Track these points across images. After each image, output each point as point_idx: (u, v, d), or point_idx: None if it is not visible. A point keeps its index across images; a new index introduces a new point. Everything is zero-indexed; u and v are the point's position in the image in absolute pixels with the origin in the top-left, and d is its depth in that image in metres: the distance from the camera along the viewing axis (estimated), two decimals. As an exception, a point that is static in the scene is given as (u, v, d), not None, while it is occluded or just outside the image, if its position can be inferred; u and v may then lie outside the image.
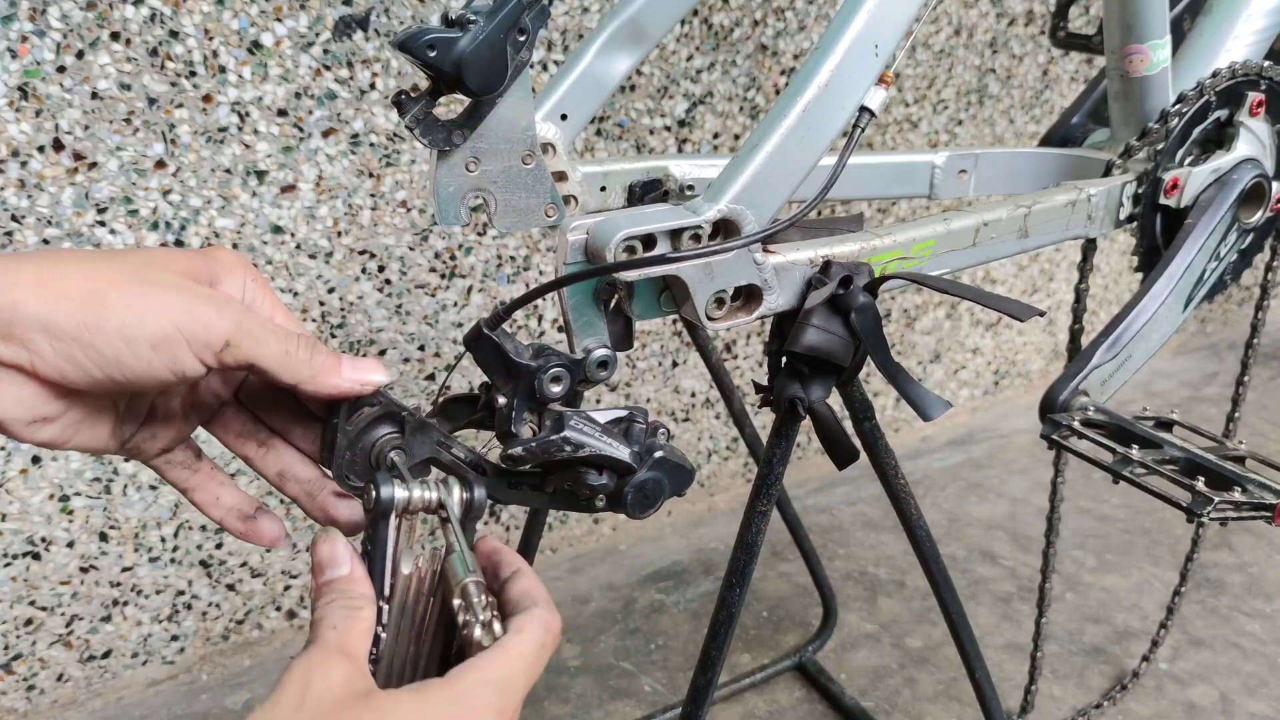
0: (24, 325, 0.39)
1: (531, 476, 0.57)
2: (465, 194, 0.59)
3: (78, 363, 0.40)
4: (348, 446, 0.50)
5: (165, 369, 0.41)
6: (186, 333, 0.41)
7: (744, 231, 0.58)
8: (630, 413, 0.57)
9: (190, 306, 0.41)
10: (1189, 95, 0.82)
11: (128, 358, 0.40)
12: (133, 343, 0.40)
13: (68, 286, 0.39)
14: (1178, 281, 0.75)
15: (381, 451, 0.51)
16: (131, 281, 0.41)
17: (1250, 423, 1.88)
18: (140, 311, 0.40)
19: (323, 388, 0.46)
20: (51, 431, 0.43)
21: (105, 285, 0.40)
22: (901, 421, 1.85)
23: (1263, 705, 1.20)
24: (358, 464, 0.51)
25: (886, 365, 0.61)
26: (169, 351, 0.41)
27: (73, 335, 0.39)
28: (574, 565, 1.49)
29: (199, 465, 0.51)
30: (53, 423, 0.42)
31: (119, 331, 0.40)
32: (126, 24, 0.97)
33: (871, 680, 1.25)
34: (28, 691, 1.17)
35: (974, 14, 1.56)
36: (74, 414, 0.43)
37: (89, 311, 0.39)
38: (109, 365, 0.40)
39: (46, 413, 0.42)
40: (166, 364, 0.41)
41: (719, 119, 1.38)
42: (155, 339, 0.40)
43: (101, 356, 0.40)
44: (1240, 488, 0.56)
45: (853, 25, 0.59)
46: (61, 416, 0.43)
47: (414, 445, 0.52)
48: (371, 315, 1.21)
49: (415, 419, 0.52)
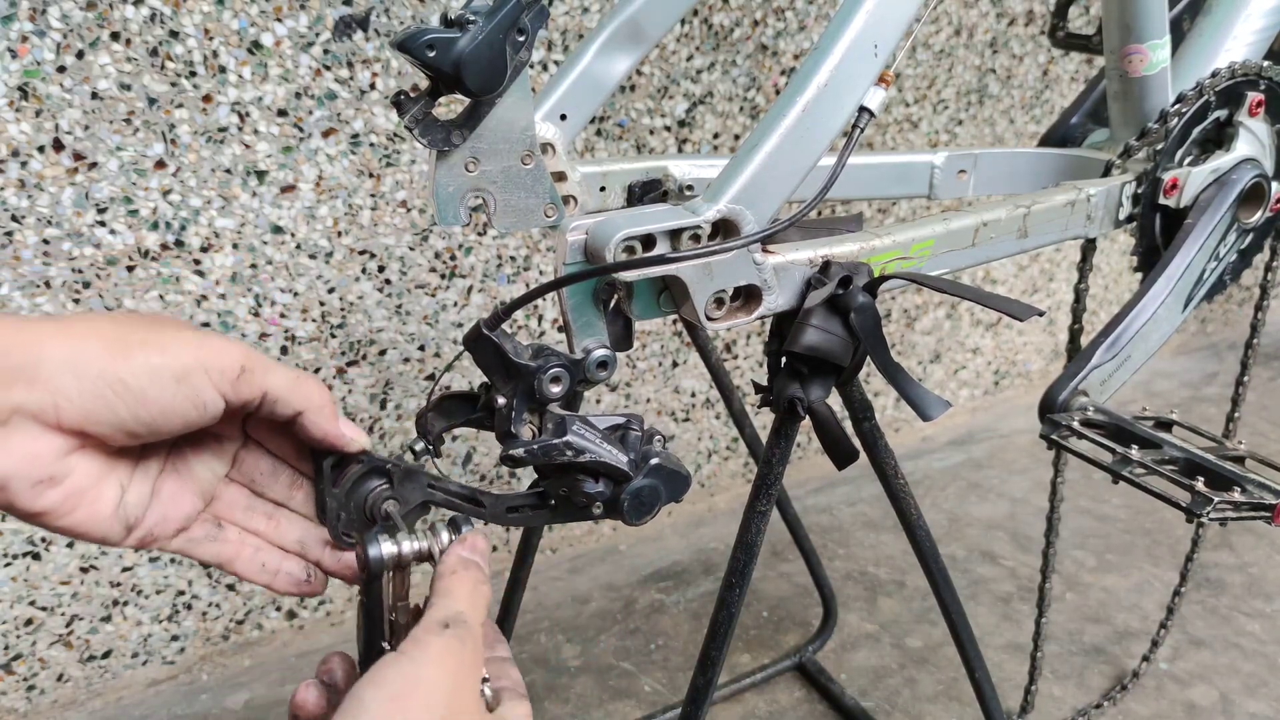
0: (51, 368, 0.40)
1: (530, 498, 0.57)
2: (465, 194, 0.59)
3: (105, 400, 0.41)
4: (340, 506, 0.51)
5: (188, 402, 0.43)
6: (205, 363, 0.43)
7: (743, 232, 0.58)
8: (627, 419, 0.58)
9: (205, 340, 0.44)
10: (1188, 95, 0.82)
11: (152, 390, 0.42)
12: (157, 375, 0.42)
13: (91, 329, 0.41)
14: (1177, 281, 0.75)
15: (375, 504, 0.52)
16: (149, 325, 0.43)
17: (1250, 423, 1.88)
18: (161, 346, 0.42)
19: (325, 421, 0.48)
20: (54, 497, 0.42)
21: (126, 328, 0.42)
22: (901, 421, 1.85)
23: (1263, 705, 1.20)
24: (354, 521, 0.52)
25: (886, 365, 0.61)
26: (191, 384, 0.43)
27: (98, 372, 0.41)
28: (574, 565, 1.49)
29: (224, 534, 0.51)
30: (57, 486, 0.42)
31: (144, 366, 0.41)
32: (126, 24, 0.97)
33: (871, 680, 1.25)
34: (28, 691, 1.17)
35: (974, 14, 1.56)
36: (78, 480, 0.43)
37: (115, 348, 0.41)
38: (134, 402, 0.42)
39: (54, 472, 0.42)
40: (189, 396, 0.43)
41: (719, 119, 1.38)
42: (177, 372, 0.42)
43: (128, 391, 0.41)
44: (1240, 488, 0.56)
45: (852, 25, 0.59)
46: (67, 479, 0.43)
47: (405, 492, 0.53)
48: (371, 315, 1.21)
49: (401, 468, 0.52)
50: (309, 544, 0.53)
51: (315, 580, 0.53)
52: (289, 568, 0.52)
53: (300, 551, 0.52)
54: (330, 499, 0.51)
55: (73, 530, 0.44)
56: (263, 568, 0.51)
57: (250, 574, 0.51)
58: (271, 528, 0.52)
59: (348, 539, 0.52)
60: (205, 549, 0.50)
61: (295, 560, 0.52)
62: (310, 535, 0.53)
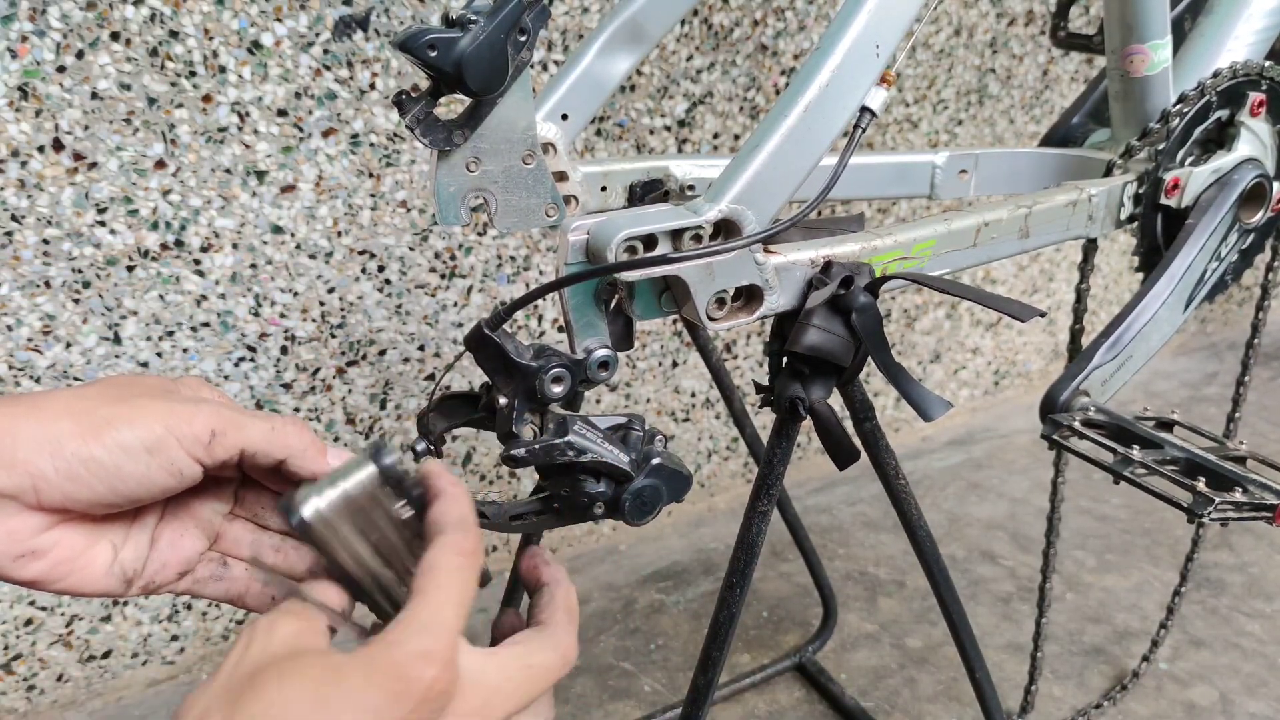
0: (26, 451, 0.40)
1: (533, 505, 0.57)
2: (465, 194, 0.59)
3: (81, 479, 0.41)
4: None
5: (163, 472, 0.42)
6: (175, 432, 0.42)
7: (745, 232, 0.58)
8: (628, 420, 0.58)
9: (172, 407, 0.43)
10: (1190, 95, 0.82)
11: (127, 465, 0.41)
12: (129, 451, 0.41)
13: (61, 407, 0.41)
14: (1178, 282, 0.75)
15: None
16: (116, 398, 0.42)
17: (1250, 423, 1.88)
18: (130, 419, 0.42)
19: (311, 462, 0.47)
20: (40, 568, 0.42)
21: (94, 403, 0.42)
22: (902, 421, 1.85)
23: (1263, 705, 1.20)
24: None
25: (887, 365, 0.61)
26: (164, 454, 0.42)
27: (73, 451, 0.40)
28: (574, 565, 1.49)
29: (230, 571, 0.50)
30: (41, 558, 0.42)
31: (115, 442, 0.41)
32: (126, 24, 0.97)
33: (871, 680, 1.25)
34: (28, 691, 1.17)
35: (974, 14, 1.56)
36: (63, 551, 0.43)
37: (85, 425, 0.41)
38: (111, 476, 0.41)
39: (36, 546, 0.42)
40: (164, 466, 0.42)
41: (719, 119, 1.38)
42: (149, 444, 0.42)
43: (103, 467, 0.41)
44: (1241, 488, 0.56)
45: (853, 25, 0.59)
46: (51, 551, 0.42)
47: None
48: (371, 315, 1.21)
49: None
50: (318, 571, 0.52)
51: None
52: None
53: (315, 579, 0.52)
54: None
55: (69, 593, 0.44)
56: (273, 601, 0.50)
57: (262, 608, 0.50)
58: (280, 559, 0.51)
59: None
60: (213, 588, 0.49)
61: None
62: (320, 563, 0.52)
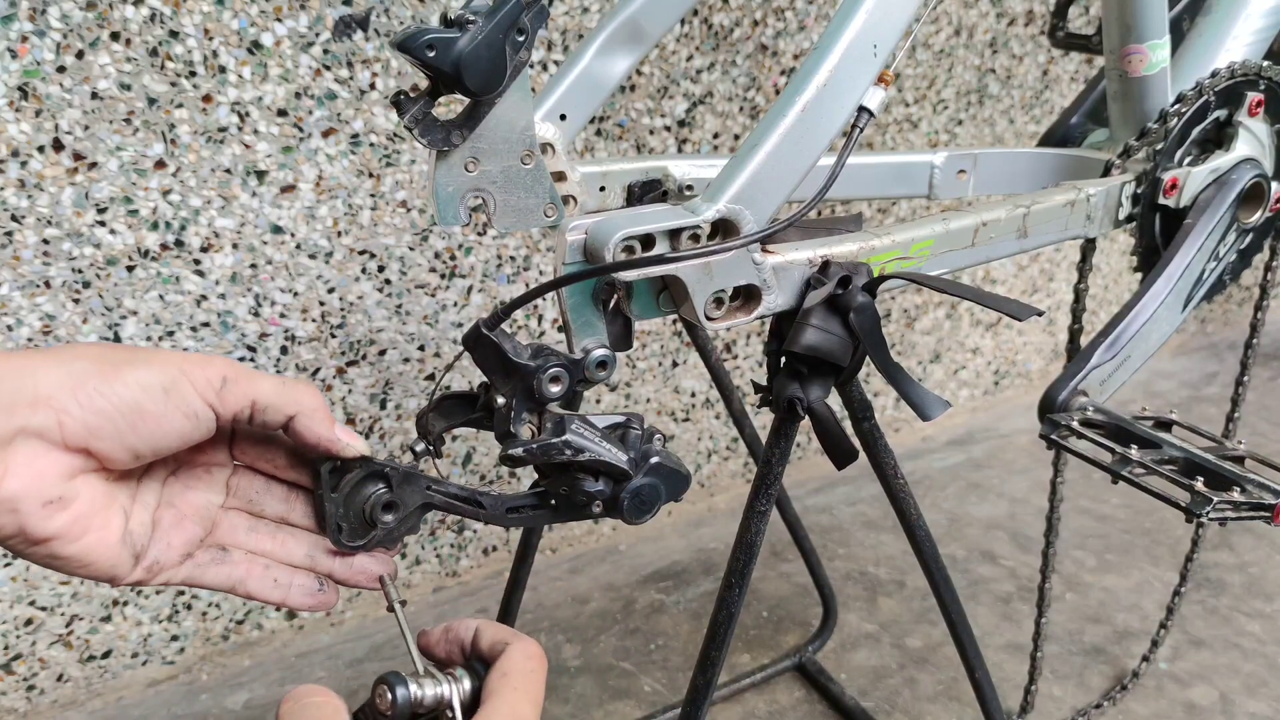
0: (48, 388, 0.41)
1: (529, 499, 0.57)
2: (465, 194, 0.59)
3: (104, 414, 0.42)
4: (338, 511, 0.51)
5: (179, 413, 0.44)
6: (190, 375, 0.44)
7: (743, 231, 0.58)
8: (627, 418, 0.58)
9: (185, 354, 0.45)
10: (1188, 95, 0.82)
11: (146, 403, 0.43)
12: (147, 388, 0.43)
13: (77, 353, 0.43)
14: (1177, 281, 0.75)
15: (374, 508, 0.52)
16: (129, 348, 0.45)
17: (1250, 423, 1.88)
18: (145, 361, 0.43)
19: (319, 425, 0.48)
20: (63, 520, 0.43)
21: (108, 350, 0.44)
22: (901, 421, 1.85)
23: (1263, 705, 1.20)
24: (355, 527, 0.52)
25: (885, 365, 0.61)
26: (179, 394, 0.44)
27: (95, 387, 0.42)
28: (574, 565, 1.49)
29: (230, 557, 0.51)
30: (66, 508, 0.43)
31: (133, 380, 0.43)
32: (126, 24, 0.97)
33: (871, 680, 1.25)
34: (28, 691, 1.17)
35: (974, 14, 1.56)
36: (85, 504, 0.43)
37: (103, 365, 0.42)
38: (131, 414, 0.43)
39: (62, 493, 0.42)
40: (179, 407, 0.44)
41: (719, 119, 1.38)
42: (165, 383, 0.43)
43: (124, 403, 0.42)
44: (1239, 488, 0.56)
45: (851, 25, 0.59)
46: (75, 501, 0.43)
47: (404, 495, 0.53)
48: (371, 315, 1.21)
49: (400, 471, 0.52)
50: (317, 557, 0.53)
51: (329, 591, 0.53)
52: (301, 581, 0.52)
53: (310, 565, 0.52)
54: (329, 504, 0.51)
55: (82, 558, 0.44)
56: (275, 584, 0.51)
57: (263, 593, 0.51)
58: (277, 546, 0.52)
59: (349, 545, 0.52)
60: (214, 574, 0.50)
61: (306, 574, 0.52)
62: (317, 548, 0.53)
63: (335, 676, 1.26)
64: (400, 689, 0.44)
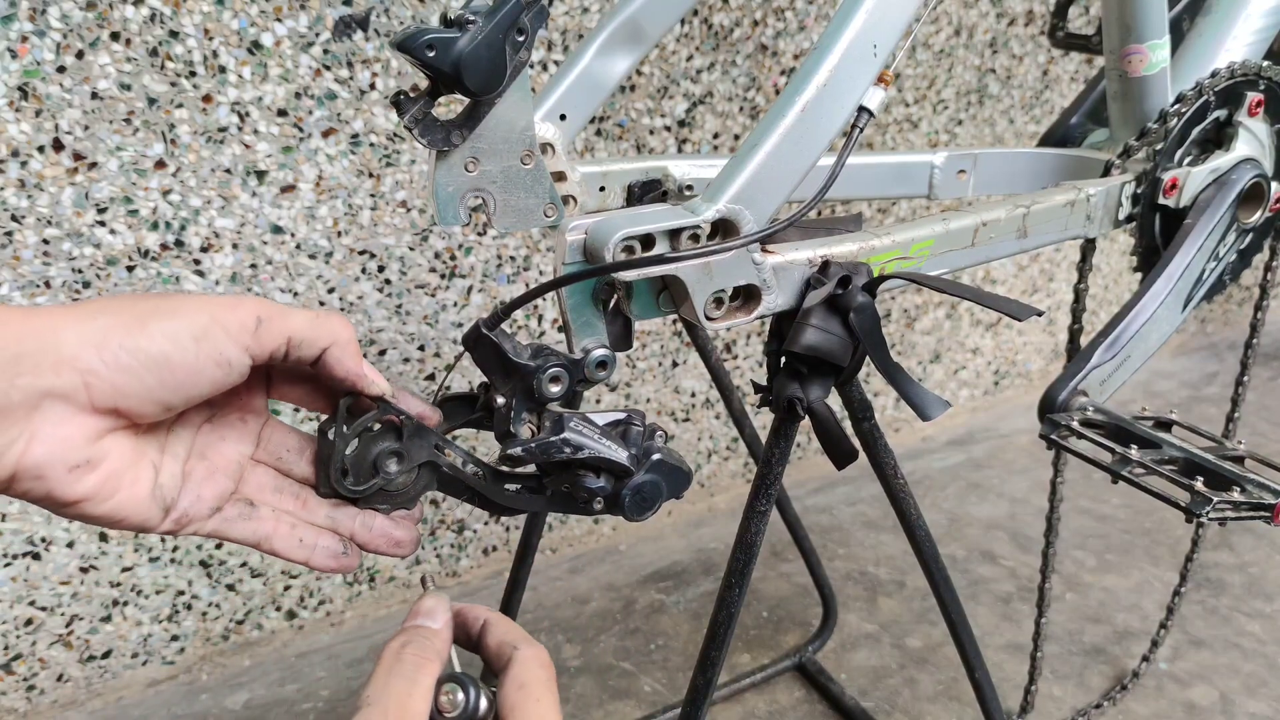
0: (71, 348, 0.40)
1: (529, 477, 0.57)
2: (464, 194, 0.59)
3: (131, 370, 0.41)
4: (346, 456, 0.51)
5: (210, 361, 0.43)
6: (221, 320, 0.43)
7: (743, 231, 0.58)
8: (628, 415, 0.58)
9: (216, 299, 0.44)
10: (1188, 95, 0.82)
11: (175, 354, 0.42)
12: (176, 339, 0.42)
13: (101, 308, 0.41)
14: (1177, 281, 0.75)
15: (380, 457, 0.52)
16: (157, 296, 0.43)
17: (1250, 423, 1.88)
18: (173, 310, 0.42)
19: (349, 358, 0.47)
20: (92, 481, 0.42)
21: (134, 301, 0.42)
22: (901, 421, 1.85)
23: (1263, 705, 1.20)
24: (359, 473, 0.52)
25: (885, 365, 0.61)
26: (211, 341, 0.42)
27: (119, 344, 0.41)
28: (574, 565, 1.49)
29: (258, 513, 0.51)
30: (95, 470, 0.42)
31: (161, 332, 0.41)
32: (126, 24, 0.97)
33: (871, 680, 1.25)
34: (28, 691, 1.17)
35: (974, 14, 1.56)
36: (114, 462, 0.43)
37: (129, 320, 0.41)
38: (159, 368, 0.41)
39: (90, 455, 0.42)
40: (210, 355, 0.42)
41: (719, 119, 1.38)
42: (195, 332, 0.42)
43: (151, 358, 0.41)
44: (1239, 488, 0.56)
45: (851, 25, 0.59)
46: (104, 462, 0.42)
47: (412, 449, 0.53)
48: (371, 315, 1.21)
49: (413, 423, 0.52)
50: (339, 519, 0.52)
51: (352, 554, 0.53)
52: (325, 542, 0.52)
53: (332, 528, 0.52)
54: (340, 440, 0.50)
55: (112, 516, 0.43)
56: (300, 543, 0.51)
57: (288, 550, 0.51)
58: (299, 506, 0.52)
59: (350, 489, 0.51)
60: (240, 528, 0.50)
61: (330, 535, 0.52)
62: (339, 511, 0.53)
63: (335, 677, 1.26)
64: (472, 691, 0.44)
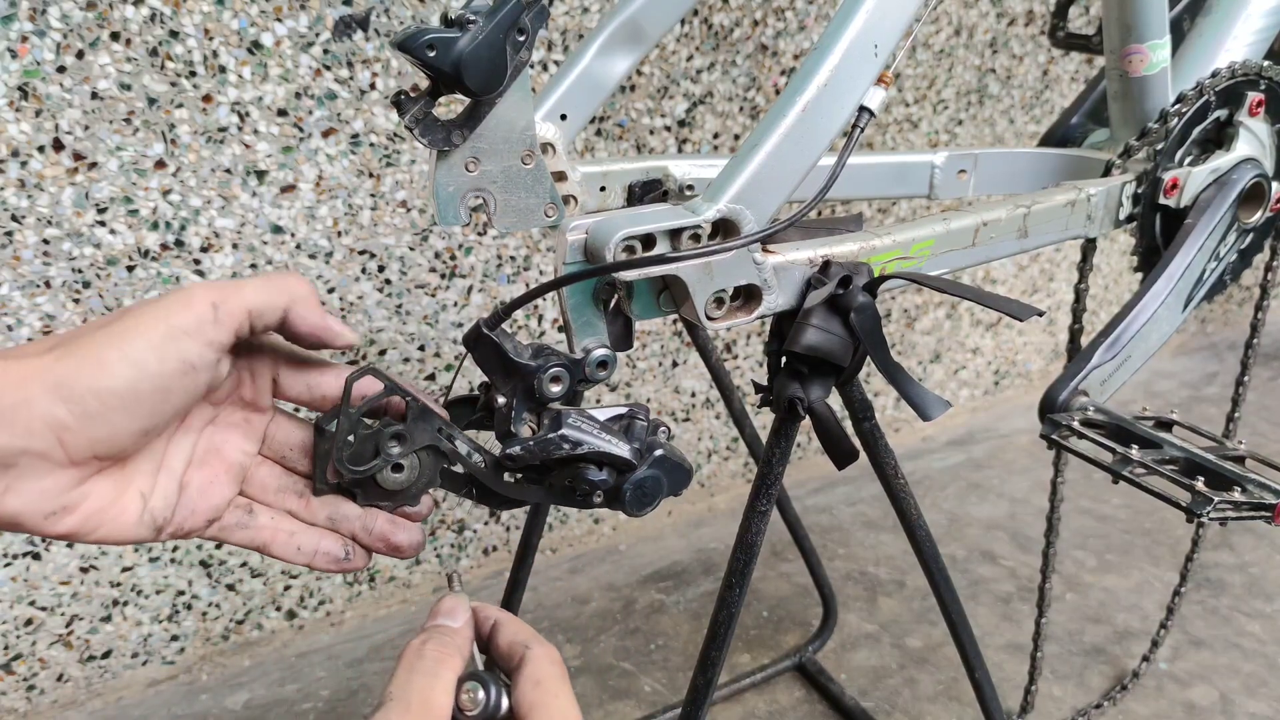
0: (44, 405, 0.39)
1: (529, 469, 0.57)
2: (465, 194, 0.59)
3: (100, 416, 0.40)
4: (350, 430, 0.50)
5: (177, 373, 0.42)
6: (177, 324, 0.42)
7: (743, 231, 0.58)
8: (631, 410, 0.57)
9: (164, 304, 0.42)
10: (1188, 95, 0.82)
11: (139, 380, 0.41)
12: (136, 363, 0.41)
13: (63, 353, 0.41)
14: (1177, 281, 0.75)
15: (382, 440, 0.51)
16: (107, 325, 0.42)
17: (1250, 423, 1.88)
18: (124, 332, 0.41)
19: (311, 313, 0.46)
20: (72, 522, 0.42)
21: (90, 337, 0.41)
22: (901, 421, 1.85)
23: (1263, 705, 1.20)
24: (359, 454, 0.51)
25: (886, 365, 0.61)
26: (174, 345, 0.42)
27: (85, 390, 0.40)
28: (574, 565, 1.49)
29: (256, 520, 0.50)
30: (73, 513, 0.42)
31: (121, 360, 0.41)
32: (126, 24, 0.97)
33: (871, 680, 1.25)
34: (28, 691, 1.17)
35: (974, 14, 1.56)
36: (94, 502, 0.43)
37: (90, 360, 0.40)
38: (129, 403, 0.41)
39: (66, 503, 0.42)
40: (176, 367, 0.42)
41: (719, 119, 1.38)
42: (152, 345, 0.41)
43: (118, 397, 0.41)
44: (1240, 488, 0.56)
45: (852, 25, 0.59)
46: (82, 505, 0.42)
47: (415, 432, 0.52)
48: (371, 315, 1.21)
49: (418, 405, 0.52)
50: (340, 520, 0.52)
51: (355, 556, 0.52)
52: (326, 546, 0.52)
53: (333, 528, 0.52)
54: (343, 418, 0.50)
55: (101, 542, 0.44)
56: (299, 550, 0.51)
57: (287, 556, 0.51)
58: (303, 506, 0.52)
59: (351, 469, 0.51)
60: (238, 535, 0.50)
61: (332, 538, 0.52)
62: (341, 511, 0.52)
63: (335, 676, 1.26)
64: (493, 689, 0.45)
